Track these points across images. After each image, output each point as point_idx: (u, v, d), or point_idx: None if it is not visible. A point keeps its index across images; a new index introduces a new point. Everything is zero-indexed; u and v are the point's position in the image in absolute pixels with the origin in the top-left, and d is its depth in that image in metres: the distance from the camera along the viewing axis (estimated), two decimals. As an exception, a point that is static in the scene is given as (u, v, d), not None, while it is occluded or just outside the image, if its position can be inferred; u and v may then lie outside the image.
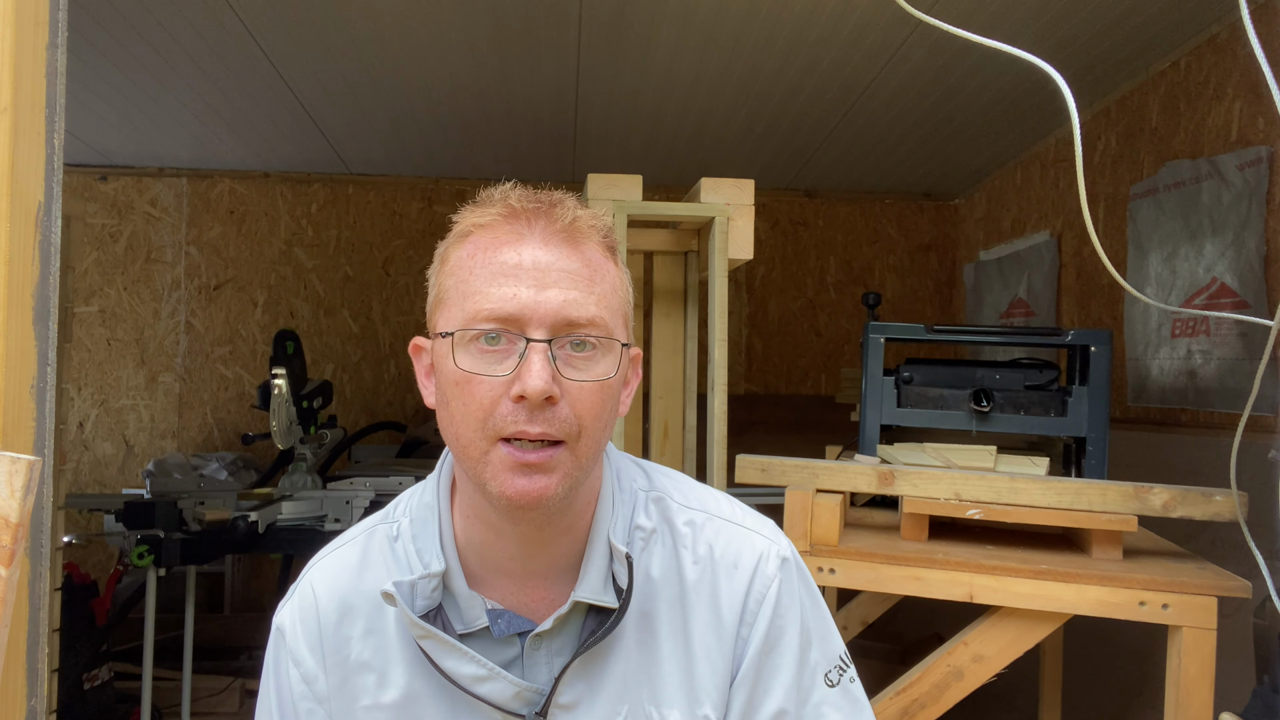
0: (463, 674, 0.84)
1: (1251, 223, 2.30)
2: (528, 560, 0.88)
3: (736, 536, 0.93)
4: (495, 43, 2.78)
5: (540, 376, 0.77)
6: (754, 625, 0.90)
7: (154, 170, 4.52)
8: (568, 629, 0.88)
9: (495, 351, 0.79)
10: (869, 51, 2.77)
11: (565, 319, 0.79)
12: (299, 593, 0.93)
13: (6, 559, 0.85)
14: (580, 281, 0.81)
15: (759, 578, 0.91)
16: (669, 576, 0.91)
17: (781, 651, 0.90)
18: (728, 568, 0.91)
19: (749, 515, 0.97)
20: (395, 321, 4.66)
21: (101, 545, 4.37)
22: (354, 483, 2.98)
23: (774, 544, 0.93)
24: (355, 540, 0.94)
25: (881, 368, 1.98)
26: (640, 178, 2.11)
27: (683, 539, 0.92)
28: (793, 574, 0.93)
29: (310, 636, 0.90)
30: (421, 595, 0.86)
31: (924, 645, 3.00)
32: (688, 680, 0.89)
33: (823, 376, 4.76)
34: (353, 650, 0.89)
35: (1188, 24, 2.51)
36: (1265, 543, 1.45)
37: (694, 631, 0.90)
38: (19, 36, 0.96)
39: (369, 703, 0.88)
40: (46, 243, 1.00)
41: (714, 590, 0.91)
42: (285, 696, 0.91)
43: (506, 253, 0.81)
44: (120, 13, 2.60)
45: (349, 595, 0.91)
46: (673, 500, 0.95)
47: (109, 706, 2.97)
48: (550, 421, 0.78)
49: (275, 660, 0.92)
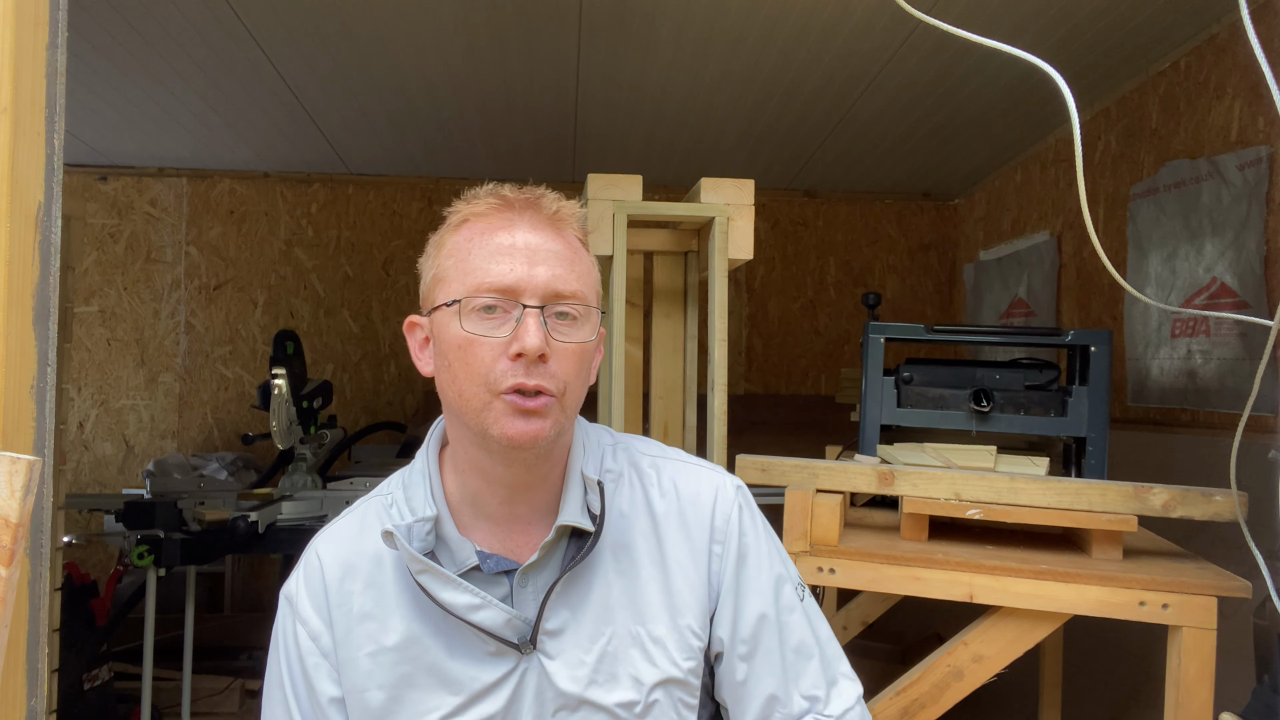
0: (458, 603, 0.94)
1: (1251, 223, 2.30)
2: (514, 504, 1.01)
3: (694, 473, 1.09)
4: (495, 42, 2.78)
5: (535, 335, 0.91)
6: (725, 543, 1.05)
7: (154, 170, 4.52)
8: (550, 562, 1.00)
9: (493, 319, 0.93)
10: (869, 51, 2.77)
11: (554, 290, 0.94)
12: (304, 562, 1.04)
13: (6, 559, 0.85)
14: (564, 261, 0.96)
15: (720, 503, 1.06)
16: (639, 510, 1.05)
17: (753, 563, 1.06)
18: (691, 498, 1.06)
19: (701, 460, 1.13)
20: (395, 321, 4.66)
21: (101, 545, 4.37)
22: (354, 483, 2.99)
23: (727, 477, 1.10)
24: (351, 513, 1.07)
25: (881, 368, 1.98)
26: (640, 178, 2.11)
27: (648, 478, 1.07)
28: (748, 501, 1.10)
29: (316, 598, 1.01)
30: (417, 537, 0.97)
31: (924, 645, 3.00)
32: (668, 597, 1.02)
33: (823, 376, 4.76)
34: (354, 603, 0.99)
35: (1188, 24, 2.51)
36: (1265, 543, 1.45)
37: (669, 554, 1.03)
38: (19, 36, 0.96)
39: (372, 649, 0.98)
40: (46, 243, 1.00)
41: (682, 518, 1.05)
42: (293, 657, 1.01)
43: (501, 236, 0.95)
44: (120, 13, 2.60)
45: (350, 556, 1.02)
46: (635, 448, 1.11)
47: (109, 706, 2.97)
48: (543, 375, 0.92)
49: (282, 628, 1.03)
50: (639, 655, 0.99)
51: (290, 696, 1.00)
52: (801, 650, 1.05)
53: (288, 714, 1.00)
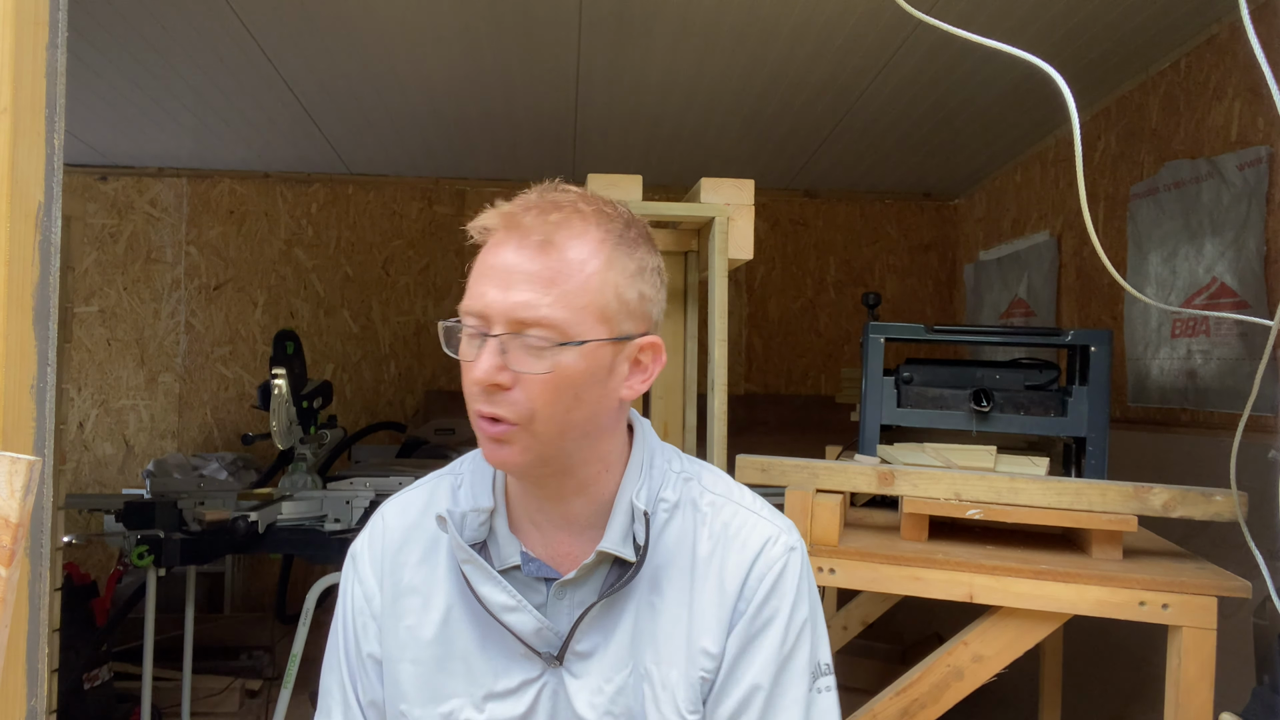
0: (495, 601, 0.95)
1: (1251, 223, 2.30)
2: (549, 513, 1.00)
3: (752, 521, 1.01)
4: (495, 42, 2.78)
5: (481, 367, 0.89)
6: (751, 600, 0.97)
7: (154, 170, 4.52)
8: (589, 583, 0.98)
9: (474, 342, 0.91)
10: (869, 51, 2.77)
11: (516, 318, 0.89)
12: (371, 524, 1.07)
13: (6, 559, 0.85)
14: (539, 284, 0.89)
15: (764, 557, 0.98)
16: (684, 547, 0.99)
17: (773, 629, 0.97)
18: (739, 545, 0.99)
19: (769, 509, 1.04)
20: (395, 321, 4.66)
21: (101, 545, 4.37)
22: (354, 483, 2.98)
23: (785, 534, 1.01)
24: (425, 484, 1.08)
25: (881, 368, 1.98)
26: (640, 178, 2.11)
27: (702, 516, 1.01)
28: (797, 565, 1.00)
29: (375, 559, 1.04)
30: (470, 526, 0.98)
31: (924, 645, 3.00)
32: (687, 644, 0.96)
33: (823, 376, 4.76)
34: (405, 574, 1.02)
35: (1188, 24, 2.51)
36: (1265, 543, 1.45)
37: (698, 598, 0.98)
38: (19, 36, 0.96)
39: (412, 622, 1.00)
40: (46, 243, 1.00)
41: (722, 563, 0.98)
42: (348, 612, 1.04)
43: (490, 255, 0.92)
44: (120, 13, 2.60)
45: (411, 527, 1.04)
46: (700, 483, 1.04)
47: (109, 706, 2.97)
48: (499, 404, 0.90)
49: (346, 581, 1.06)
50: (649, 696, 0.96)
51: (342, 646, 1.05)
52: None
53: (338, 663, 1.05)
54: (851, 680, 2.96)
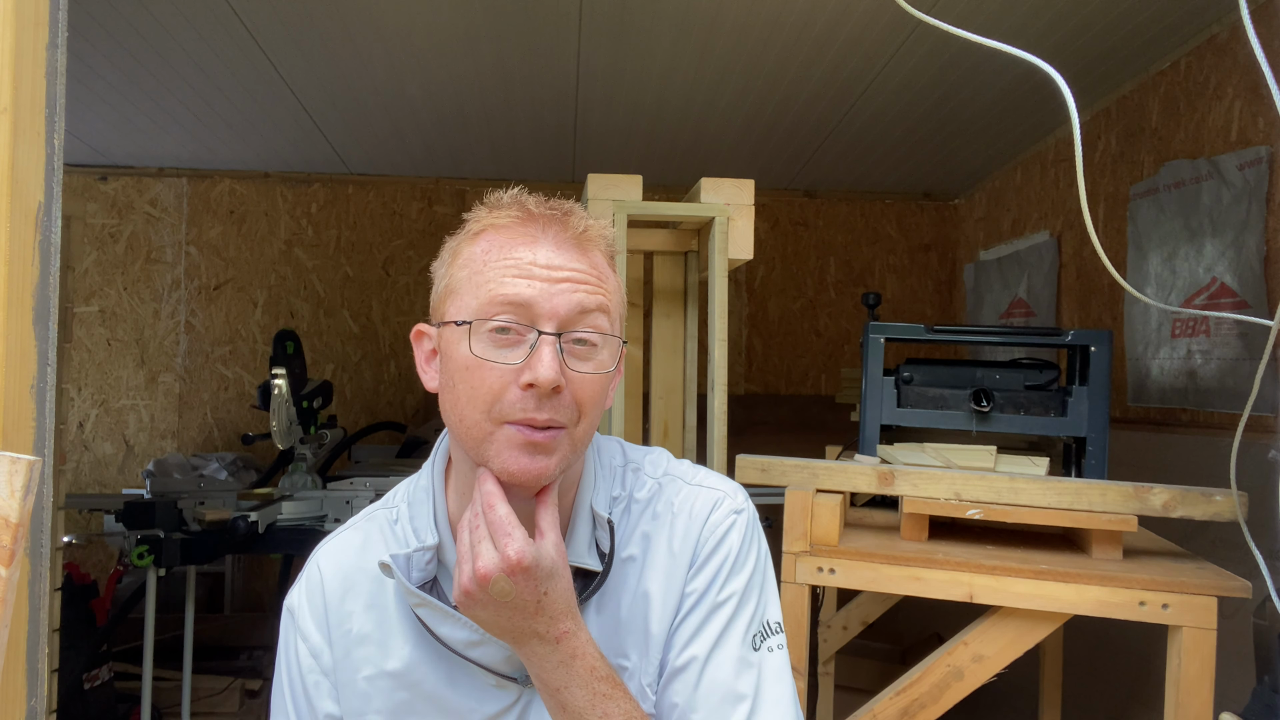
0: (457, 639, 0.90)
1: (1251, 223, 2.30)
2: None
3: (694, 493, 0.98)
4: (495, 42, 2.78)
5: (551, 368, 0.83)
6: (703, 569, 0.94)
7: (154, 170, 4.52)
8: None
9: (505, 342, 0.85)
10: (869, 51, 2.77)
11: (574, 316, 0.86)
12: (306, 574, 1.00)
13: (6, 559, 0.85)
14: (588, 283, 0.88)
15: (711, 521, 0.96)
16: (633, 540, 0.97)
17: (716, 589, 0.94)
18: (684, 517, 0.96)
19: (712, 476, 1.01)
20: (395, 321, 4.66)
21: (101, 545, 4.37)
22: (354, 483, 2.98)
23: (730, 497, 0.98)
24: (357, 525, 1.02)
25: (881, 368, 1.98)
26: (640, 178, 2.11)
27: (647, 502, 0.98)
28: (744, 526, 0.97)
29: (316, 613, 0.97)
30: (416, 567, 0.92)
31: (924, 645, 3.00)
32: (644, 629, 0.94)
33: (823, 376, 4.76)
34: (354, 624, 0.96)
35: (1188, 24, 2.51)
36: (1265, 543, 1.45)
37: (652, 581, 0.95)
38: (19, 36, 0.96)
39: (371, 672, 0.94)
40: (46, 243, 1.00)
41: (669, 538, 0.96)
42: (295, 673, 0.98)
43: (521, 251, 0.87)
44: (120, 13, 2.60)
45: (352, 573, 0.97)
46: (643, 471, 1.01)
47: (109, 706, 2.97)
48: (555, 408, 0.85)
49: (285, 640, 1.00)
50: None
51: (291, 708, 0.98)
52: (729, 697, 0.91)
53: None
54: (851, 680, 2.97)
